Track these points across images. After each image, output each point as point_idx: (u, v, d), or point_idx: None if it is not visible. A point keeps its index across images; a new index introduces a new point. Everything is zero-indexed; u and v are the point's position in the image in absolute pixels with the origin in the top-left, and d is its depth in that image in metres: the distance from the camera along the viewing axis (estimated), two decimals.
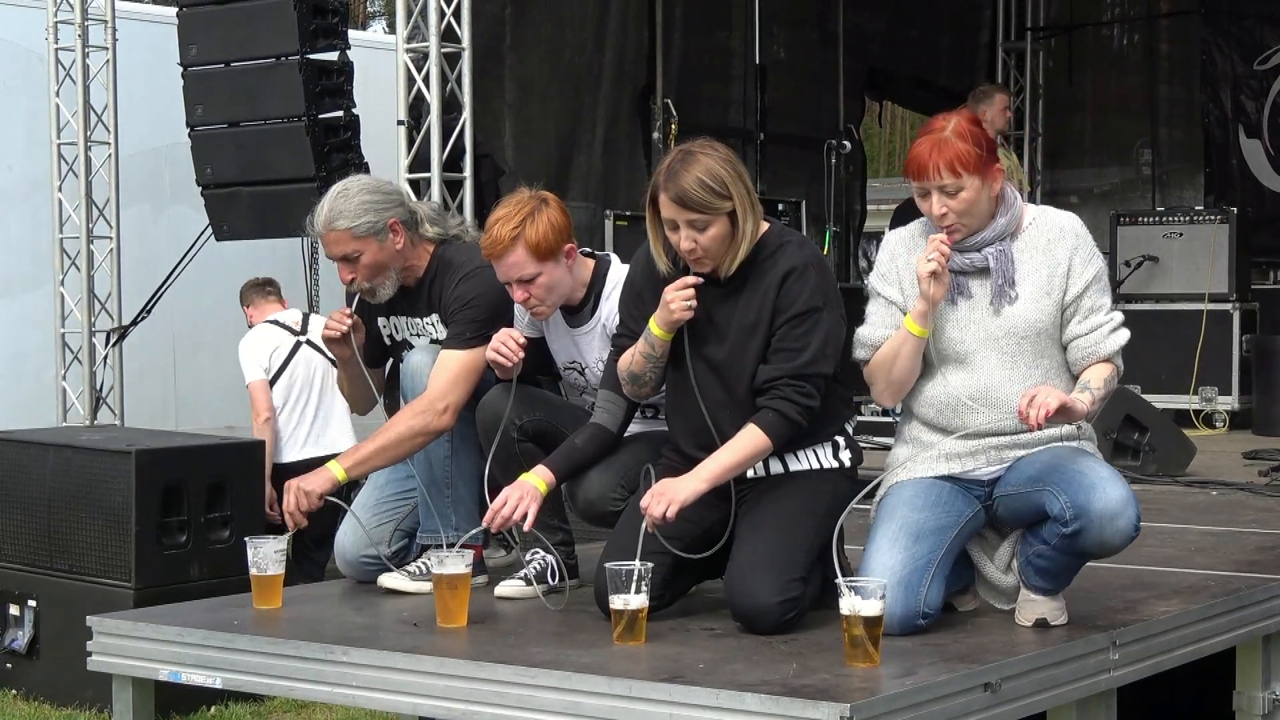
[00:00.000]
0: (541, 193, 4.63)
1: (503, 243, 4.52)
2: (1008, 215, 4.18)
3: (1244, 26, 12.46)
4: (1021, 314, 4.15)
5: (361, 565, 4.90)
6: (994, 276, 4.16)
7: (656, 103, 11.29)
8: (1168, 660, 4.27)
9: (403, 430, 4.68)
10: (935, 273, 4.07)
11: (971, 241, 4.16)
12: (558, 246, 4.55)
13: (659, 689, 3.51)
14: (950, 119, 4.14)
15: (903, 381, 4.23)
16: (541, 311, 4.64)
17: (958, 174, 4.07)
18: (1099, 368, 4.16)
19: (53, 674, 6.94)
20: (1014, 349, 4.15)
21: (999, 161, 4.17)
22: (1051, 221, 4.23)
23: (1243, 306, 10.34)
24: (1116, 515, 3.96)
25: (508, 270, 4.55)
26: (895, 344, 4.19)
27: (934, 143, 4.10)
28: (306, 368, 8.44)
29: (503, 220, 4.54)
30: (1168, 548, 5.51)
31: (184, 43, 8.70)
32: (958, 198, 4.10)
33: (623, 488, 4.42)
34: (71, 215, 9.63)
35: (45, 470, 7.03)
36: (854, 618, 3.65)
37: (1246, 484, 7.24)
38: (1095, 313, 4.18)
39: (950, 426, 4.20)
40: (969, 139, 4.09)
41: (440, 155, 8.17)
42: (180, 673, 4.24)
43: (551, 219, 4.55)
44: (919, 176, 4.12)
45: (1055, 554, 4.05)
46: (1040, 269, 4.17)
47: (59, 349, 9.69)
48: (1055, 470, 4.06)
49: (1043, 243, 4.19)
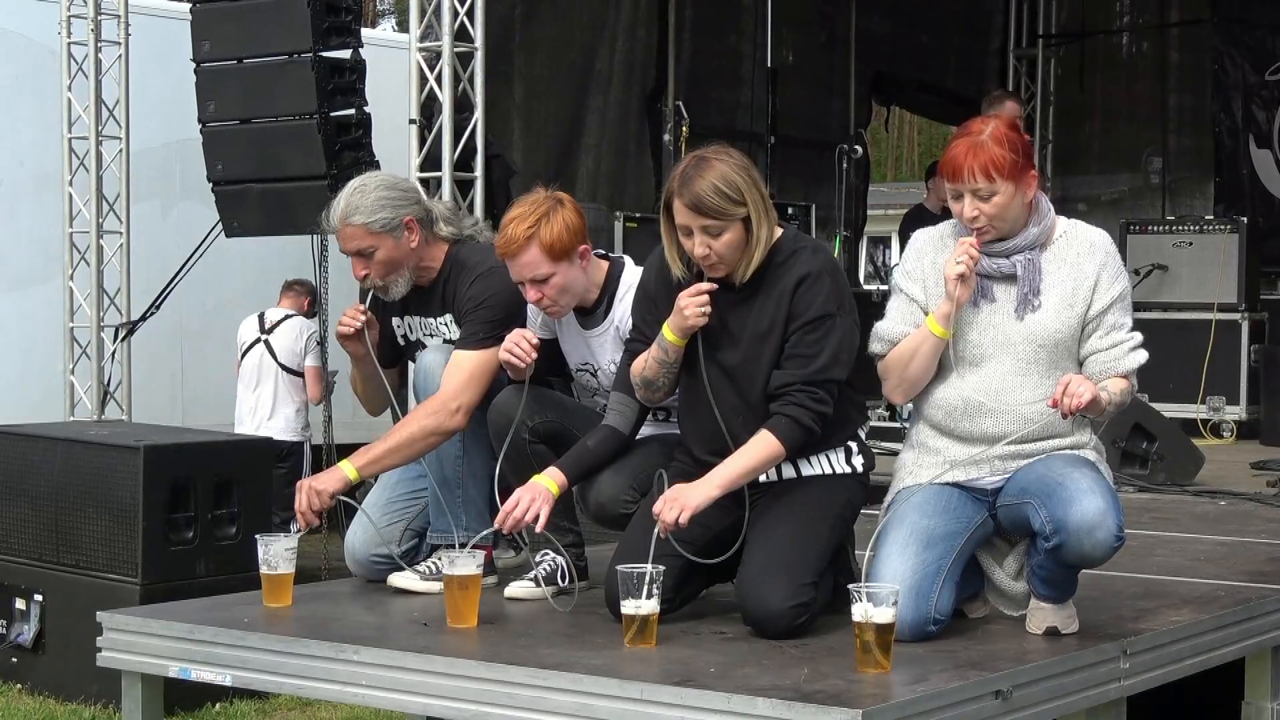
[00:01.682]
0: (557, 193, 4.63)
1: (517, 242, 4.52)
2: (1040, 225, 4.19)
3: (1256, 36, 12.45)
4: (1043, 323, 4.15)
5: (372, 564, 4.89)
6: (1020, 284, 4.16)
7: (667, 105, 11.29)
8: (1178, 670, 4.27)
9: (415, 430, 4.68)
10: (963, 275, 4.08)
11: (1002, 247, 4.17)
12: (572, 247, 4.55)
13: (671, 692, 3.51)
14: (990, 122, 4.15)
15: (916, 380, 4.23)
16: (555, 311, 4.64)
17: (992, 179, 4.08)
18: (1117, 380, 4.16)
19: (58, 669, 6.94)
20: (1030, 356, 4.15)
21: (1034, 168, 4.17)
22: (1083, 236, 4.24)
23: (1251, 316, 10.32)
24: (1095, 528, 3.94)
25: (521, 270, 4.55)
26: (914, 342, 4.19)
27: (971, 145, 4.11)
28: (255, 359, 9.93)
29: (518, 220, 4.54)
30: (1178, 557, 5.52)
31: (197, 39, 8.70)
32: (990, 202, 4.10)
33: (634, 490, 4.42)
34: (82, 210, 9.64)
35: (53, 465, 7.04)
36: (866, 624, 3.65)
37: (1255, 494, 7.24)
38: (1117, 330, 4.18)
39: (957, 429, 4.20)
40: (1005, 144, 4.09)
41: (452, 155, 8.18)
42: (190, 669, 4.24)
43: (567, 220, 4.55)
44: (954, 179, 4.13)
45: (1048, 564, 4.06)
46: (1066, 281, 4.17)
47: (68, 344, 9.70)
48: (1040, 482, 4.06)
49: (1072, 255, 4.19)
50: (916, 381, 4.24)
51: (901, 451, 4.38)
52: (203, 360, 10.71)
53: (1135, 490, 7.31)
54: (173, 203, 10.52)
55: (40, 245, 9.98)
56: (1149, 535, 5.98)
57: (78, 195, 9.65)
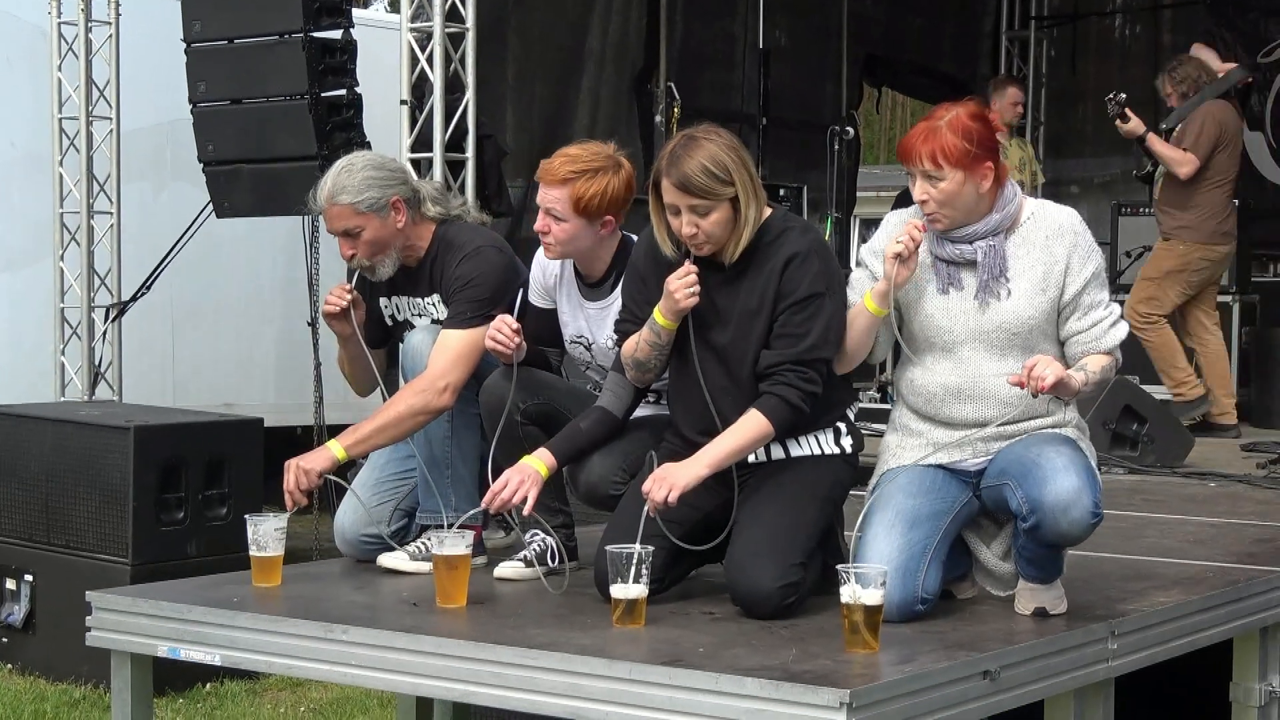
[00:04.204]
0: (621, 158, 4.60)
1: (556, 177, 4.51)
2: (1004, 211, 4.16)
3: (1248, 19, 12.43)
4: (1015, 309, 4.14)
5: (361, 544, 4.89)
6: (980, 271, 4.14)
7: (659, 86, 11.28)
8: (1166, 651, 4.28)
9: (402, 409, 4.67)
10: (900, 255, 4.07)
11: (963, 233, 4.16)
12: (599, 212, 4.52)
13: (659, 672, 3.51)
14: (953, 109, 4.13)
15: (852, 352, 4.25)
16: (550, 250, 4.62)
17: (939, 165, 4.07)
18: (1098, 357, 4.16)
19: (49, 649, 6.95)
20: (1004, 342, 4.14)
21: (992, 160, 4.12)
22: (1050, 217, 4.21)
23: (1243, 299, 10.31)
24: (1070, 506, 3.94)
25: (544, 198, 4.55)
26: (852, 314, 4.21)
27: (927, 130, 4.10)
28: None
29: (571, 160, 4.53)
30: (1167, 539, 5.53)
31: (188, 19, 8.67)
32: (938, 187, 4.09)
33: (624, 472, 4.42)
34: (72, 190, 9.62)
35: (43, 445, 7.04)
36: (854, 605, 3.66)
37: (1245, 476, 7.25)
38: (1095, 308, 4.17)
39: (938, 415, 4.21)
40: (961, 133, 4.07)
41: (443, 136, 8.17)
42: (179, 649, 4.24)
43: (611, 187, 4.52)
44: (903, 159, 4.15)
45: (1029, 545, 4.07)
46: (1037, 265, 4.15)
47: (58, 324, 9.68)
48: (1018, 463, 4.07)
49: (1040, 239, 4.17)
50: (853, 354, 4.25)
51: (885, 434, 4.39)
52: (194, 341, 10.68)
53: (1125, 472, 7.32)
54: (163, 183, 10.49)
55: (31, 226, 9.94)
56: (1138, 517, 5.99)
57: (68, 175, 9.63)
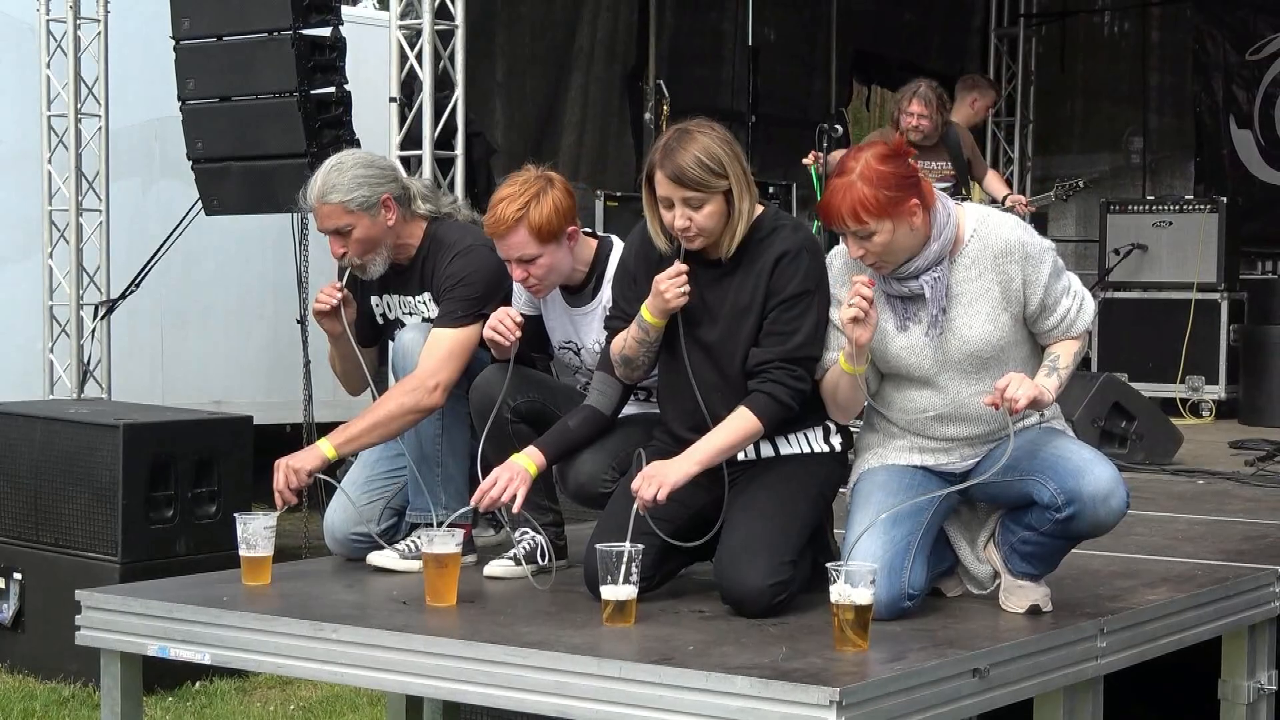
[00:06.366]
0: (548, 173, 4.60)
1: (506, 223, 4.50)
2: (941, 239, 4.05)
3: (1237, 16, 12.48)
4: (982, 336, 4.08)
5: (351, 543, 4.89)
6: (930, 306, 4.06)
7: (648, 83, 11.28)
8: (1155, 648, 4.28)
9: (393, 408, 4.67)
10: (856, 319, 3.96)
11: (907, 270, 4.06)
12: (560, 229, 4.54)
13: (649, 670, 3.51)
14: (861, 156, 3.98)
15: (847, 407, 4.21)
16: (539, 290, 4.63)
17: (863, 221, 3.95)
18: (1068, 344, 4.14)
19: (38, 647, 6.94)
20: (976, 366, 4.11)
21: (914, 194, 3.96)
22: (994, 234, 4.08)
23: (1231, 296, 10.35)
24: (1109, 495, 3.98)
25: (509, 250, 4.54)
26: (834, 375, 4.16)
27: (842, 187, 3.96)
28: None
29: (508, 200, 4.52)
30: (1156, 536, 5.53)
31: (176, 16, 8.66)
32: (873, 241, 3.99)
33: (614, 470, 4.41)
34: (61, 187, 9.59)
35: (32, 443, 7.02)
36: (844, 604, 3.66)
37: (1233, 473, 7.26)
38: (1061, 299, 4.11)
39: (923, 433, 4.20)
40: (876, 182, 3.93)
41: (432, 133, 8.17)
42: (168, 648, 4.23)
43: (556, 201, 4.53)
44: (826, 221, 4.03)
45: (1046, 539, 4.06)
46: (993, 286, 4.07)
47: (47, 322, 9.66)
48: (1036, 457, 4.06)
49: (989, 260, 4.06)
50: (848, 409, 4.22)
51: (863, 431, 4.36)
52: (182, 338, 10.66)
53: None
54: (152, 180, 10.46)
55: (19, 223, 9.92)
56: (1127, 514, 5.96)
57: (57, 173, 9.60)
